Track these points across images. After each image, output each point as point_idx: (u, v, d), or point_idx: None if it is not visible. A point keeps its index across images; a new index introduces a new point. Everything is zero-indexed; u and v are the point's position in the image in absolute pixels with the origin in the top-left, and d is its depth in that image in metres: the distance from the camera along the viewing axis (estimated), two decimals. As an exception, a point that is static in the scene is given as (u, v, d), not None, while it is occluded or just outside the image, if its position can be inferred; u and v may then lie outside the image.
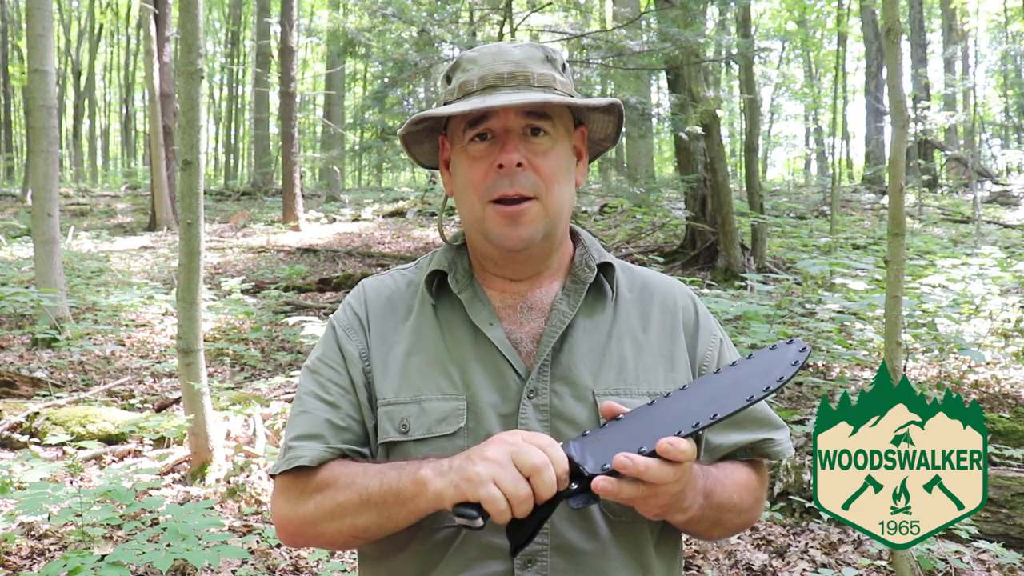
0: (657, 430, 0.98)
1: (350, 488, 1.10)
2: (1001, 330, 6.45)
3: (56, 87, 8.28)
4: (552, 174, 1.17)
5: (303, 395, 1.22)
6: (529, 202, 1.16)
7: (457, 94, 1.19)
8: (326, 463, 1.14)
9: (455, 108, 1.14)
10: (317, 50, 32.01)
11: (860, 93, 24.02)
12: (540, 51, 1.20)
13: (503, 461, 0.96)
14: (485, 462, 0.97)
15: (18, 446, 4.68)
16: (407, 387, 1.18)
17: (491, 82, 1.16)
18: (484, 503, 0.95)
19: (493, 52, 1.19)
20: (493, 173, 1.16)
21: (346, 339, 1.23)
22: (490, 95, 1.14)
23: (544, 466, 0.95)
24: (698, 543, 3.62)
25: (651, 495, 0.98)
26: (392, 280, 1.30)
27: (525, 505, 0.95)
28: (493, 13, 8.90)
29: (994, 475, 3.79)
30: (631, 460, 0.95)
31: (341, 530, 1.12)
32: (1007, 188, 16.33)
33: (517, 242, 1.17)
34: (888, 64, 2.60)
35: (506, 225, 1.16)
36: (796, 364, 1.02)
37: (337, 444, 1.15)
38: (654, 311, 1.27)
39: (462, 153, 1.19)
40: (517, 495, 0.94)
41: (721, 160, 9.91)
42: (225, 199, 20.79)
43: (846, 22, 21.05)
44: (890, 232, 2.53)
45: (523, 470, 0.95)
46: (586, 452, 1.00)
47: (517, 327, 1.21)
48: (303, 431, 1.17)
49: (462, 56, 1.22)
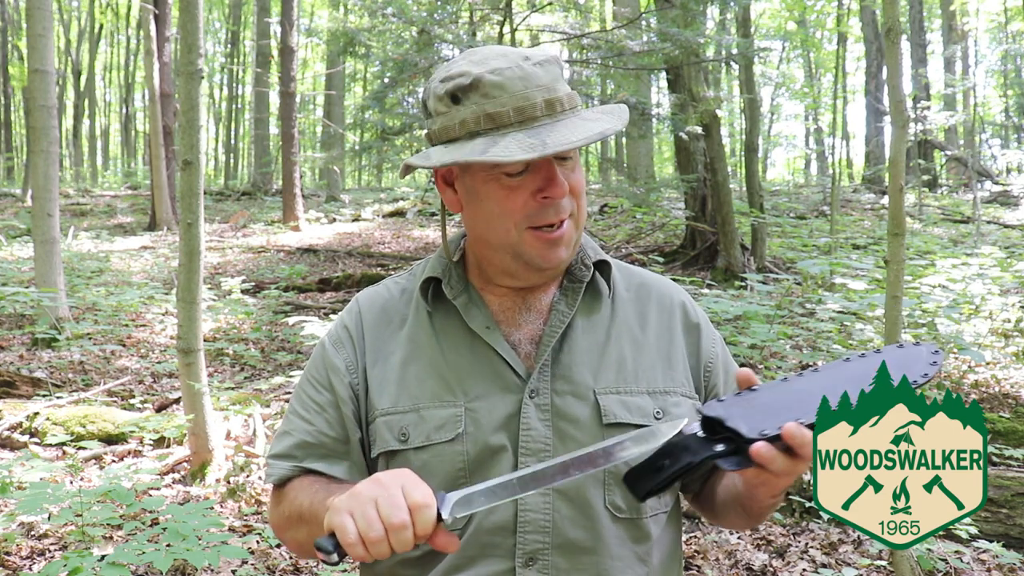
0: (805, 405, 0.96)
1: (293, 504, 1.18)
2: (1001, 330, 6.45)
3: (56, 87, 8.28)
4: (581, 190, 1.17)
5: (288, 412, 1.28)
6: (565, 222, 1.16)
7: (485, 124, 1.09)
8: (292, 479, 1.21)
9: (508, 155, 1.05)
10: (317, 50, 32.01)
11: (860, 93, 24.03)
12: (556, 66, 1.15)
13: (365, 499, 0.95)
14: (350, 496, 0.97)
15: (18, 446, 4.68)
16: (405, 396, 1.18)
17: (529, 114, 1.09)
18: (336, 531, 0.95)
19: (519, 76, 1.10)
20: (535, 203, 1.13)
21: (333, 353, 1.24)
22: (531, 129, 1.09)
23: (401, 527, 0.93)
24: (698, 543, 3.63)
25: (795, 471, 0.97)
26: (386, 290, 1.30)
27: (378, 547, 0.93)
28: (493, 13, 8.89)
29: (994, 475, 3.79)
30: (800, 430, 0.93)
31: (294, 539, 1.20)
32: (1007, 188, 16.33)
33: (557, 263, 1.17)
34: (888, 64, 2.60)
35: (546, 248, 1.15)
36: (935, 364, 1.01)
37: (304, 464, 1.21)
38: (651, 310, 1.27)
39: (492, 182, 1.13)
40: (368, 535, 0.93)
41: (721, 160, 9.91)
42: (225, 199, 20.79)
43: (846, 22, 21.06)
44: (890, 232, 2.53)
45: (381, 520, 0.93)
46: (735, 416, 0.98)
47: (515, 329, 1.21)
48: (278, 450, 1.24)
49: (480, 79, 1.10)
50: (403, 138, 9.60)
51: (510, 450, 1.14)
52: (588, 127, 1.10)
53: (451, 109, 1.12)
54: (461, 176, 1.18)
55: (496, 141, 1.08)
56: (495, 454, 1.14)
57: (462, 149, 1.09)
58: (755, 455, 0.94)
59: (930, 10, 22.83)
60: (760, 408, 0.98)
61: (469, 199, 1.18)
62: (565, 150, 1.06)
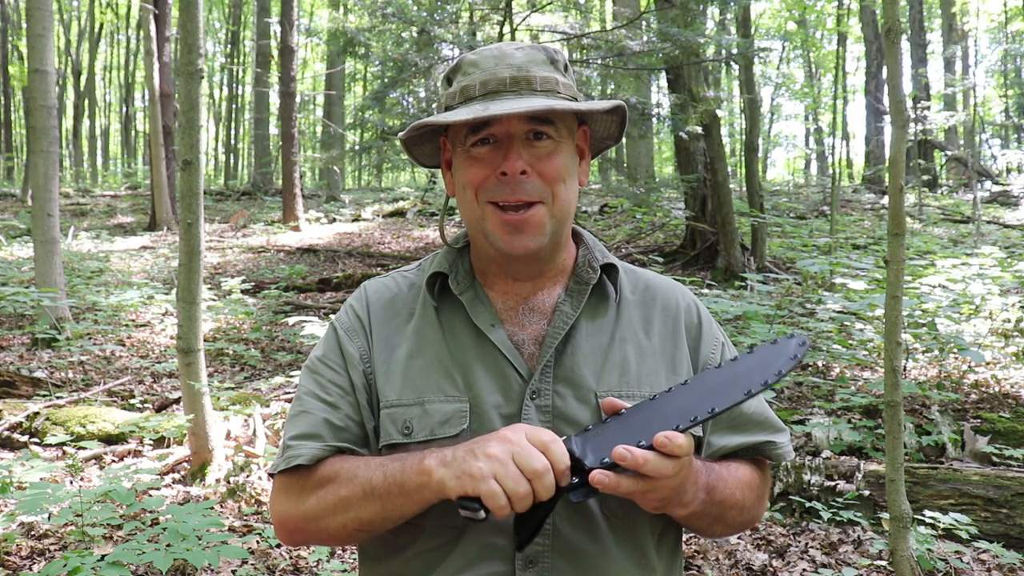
0: (656, 424, 0.99)
1: (352, 482, 1.10)
2: (1001, 330, 6.44)
3: (56, 87, 8.28)
4: (557, 176, 1.16)
5: (303, 395, 1.22)
6: (534, 207, 1.15)
7: (459, 98, 1.17)
8: (324, 460, 1.15)
9: (455, 116, 1.12)
10: (317, 50, 32.01)
11: (860, 93, 24.02)
12: (542, 53, 1.19)
13: (504, 459, 0.97)
14: (487, 459, 0.98)
15: (18, 446, 4.68)
16: (410, 389, 1.18)
17: (493, 87, 1.14)
18: (484, 499, 0.97)
19: (495, 55, 1.17)
20: (495, 178, 1.15)
21: (347, 341, 1.24)
22: (492, 101, 1.14)
23: (544, 471, 0.96)
24: (698, 543, 3.63)
25: (650, 488, 0.99)
26: (394, 282, 1.30)
27: (525, 502, 0.96)
28: (493, 13, 8.90)
29: (994, 475, 3.79)
30: (629, 452, 0.96)
31: (344, 524, 1.12)
32: (1007, 188, 16.34)
33: (522, 250, 1.17)
34: (888, 64, 2.60)
35: (509, 233, 1.16)
36: (795, 358, 1.03)
37: (335, 443, 1.16)
38: (656, 313, 1.27)
39: (464, 155, 1.18)
40: (517, 493, 0.96)
41: (721, 160, 9.91)
42: (225, 199, 20.79)
43: (846, 22, 21.06)
44: (890, 232, 2.52)
45: (524, 472, 0.96)
46: (587, 447, 1.01)
47: (519, 328, 1.21)
48: (302, 431, 1.18)
49: (463, 59, 1.20)
50: (403, 138, 9.57)
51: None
52: (538, 102, 1.12)
53: (445, 90, 1.21)
54: (452, 158, 1.23)
55: (457, 112, 1.14)
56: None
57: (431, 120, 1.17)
58: (593, 483, 0.97)
59: (930, 10, 22.84)
60: (613, 435, 1.01)
61: (455, 178, 1.23)
62: (496, 114, 1.09)
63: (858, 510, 3.81)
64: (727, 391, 1.01)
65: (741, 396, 1.00)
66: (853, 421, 4.62)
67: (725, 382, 1.02)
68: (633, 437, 0.99)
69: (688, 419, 0.99)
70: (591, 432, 1.03)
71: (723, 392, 1.01)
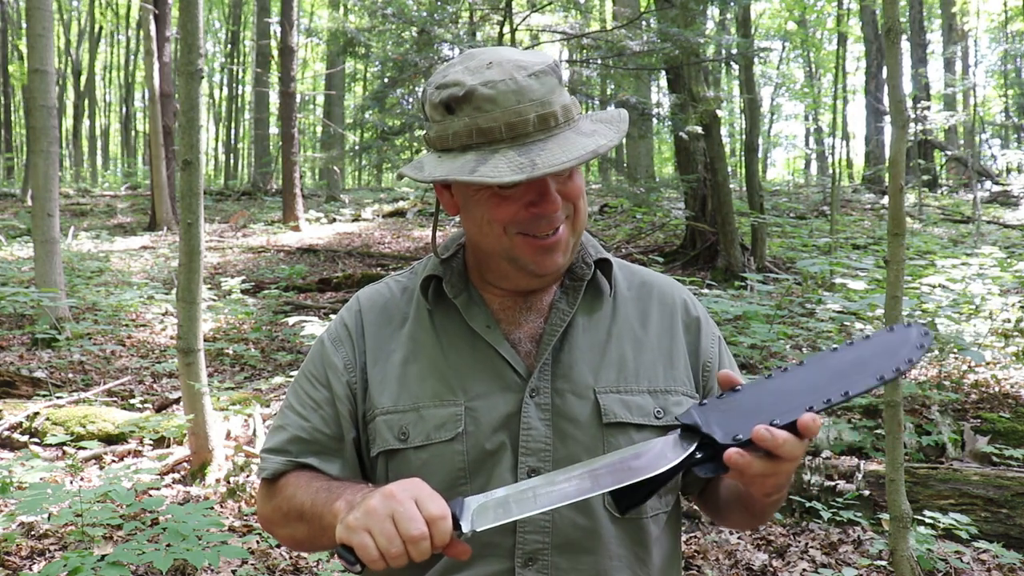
0: (783, 404, 0.97)
1: (291, 501, 1.17)
2: (1001, 330, 6.44)
3: (56, 87, 8.28)
4: (579, 194, 1.15)
5: (283, 407, 1.27)
6: (561, 228, 1.14)
7: (477, 138, 1.07)
8: (286, 473, 1.21)
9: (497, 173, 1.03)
10: (317, 50, 31.99)
11: (860, 93, 24.02)
12: (552, 75, 1.11)
13: (382, 515, 0.95)
14: (365, 513, 0.97)
15: (18, 446, 4.68)
16: (405, 395, 1.18)
17: (521, 130, 1.07)
18: (357, 550, 0.96)
19: (513, 90, 1.07)
20: (526, 214, 1.12)
21: (332, 351, 1.24)
22: (523, 146, 1.06)
23: (420, 538, 0.93)
24: (698, 543, 3.63)
25: (778, 471, 0.97)
26: (387, 288, 1.30)
27: (399, 561, 0.94)
28: (493, 13, 8.90)
29: (994, 475, 3.79)
30: (770, 433, 0.94)
31: (287, 536, 1.21)
32: (1007, 188, 16.33)
33: (554, 269, 1.16)
34: (888, 64, 2.60)
35: (538, 254, 1.14)
36: (922, 347, 1.02)
37: (298, 459, 1.21)
38: (653, 308, 1.27)
39: (484, 191, 1.12)
40: (389, 552, 0.94)
41: (721, 160, 9.91)
42: (225, 199, 20.79)
43: (846, 22, 21.06)
44: (890, 232, 2.52)
45: (400, 534, 0.94)
46: (711, 421, 0.98)
47: (515, 328, 1.21)
48: (272, 444, 1.24)
49: (473, 91, 1.07)
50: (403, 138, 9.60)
51: (510, 449, 1.14)
52: (581, 144, 1.07)
53: (445, 118, 1.10)
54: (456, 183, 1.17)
55: (486, 158, 1.06)
56: (495, 453, 1.14)
57: (454, 163, 1.08)
58: (728, 461, 0.94)
59: (930, 10, 22.83)
60: (738, 411, 0.99)
61: (463, 205, 1.17)
62: (553, 172, 1.04)
63: (858, 510, 3.81)
64: (857, 376, 0.99)
65: (874, 381, 0.99)
66: (853, 421, 4.62)
67: (850, 367, 1.00)
68: (763, 416, 0.96)
69: (822, 401, 0.97)
70: (709, 406, 1.00)
71: (853, 376, 0.99)
